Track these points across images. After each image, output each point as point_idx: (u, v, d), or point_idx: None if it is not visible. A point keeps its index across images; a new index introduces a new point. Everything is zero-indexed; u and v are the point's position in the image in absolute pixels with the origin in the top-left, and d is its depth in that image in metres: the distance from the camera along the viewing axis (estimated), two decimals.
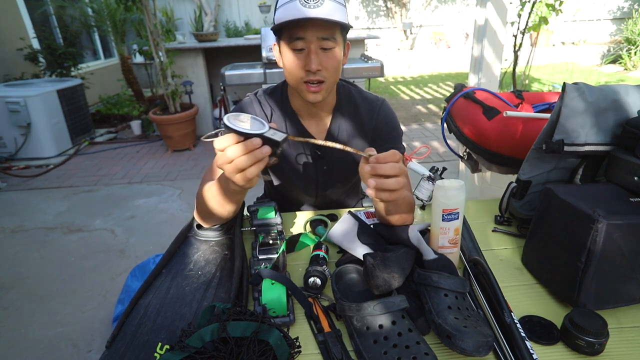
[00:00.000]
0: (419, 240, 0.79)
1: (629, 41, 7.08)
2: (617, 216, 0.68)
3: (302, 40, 0.88)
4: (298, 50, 0.89)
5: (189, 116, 4.01)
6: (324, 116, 1.06)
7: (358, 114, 1.07)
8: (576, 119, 0.86)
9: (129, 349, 0.66)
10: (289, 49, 0.90)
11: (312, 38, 0.87)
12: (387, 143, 1.06)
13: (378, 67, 3.40)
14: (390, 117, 1.09)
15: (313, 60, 0.88)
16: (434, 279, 0.70)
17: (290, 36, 0.88)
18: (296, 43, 0.88)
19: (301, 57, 0.89)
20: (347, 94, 1.08)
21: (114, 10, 4.81)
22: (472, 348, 0.60)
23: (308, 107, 1.03)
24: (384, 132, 1.07)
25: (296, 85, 0.94)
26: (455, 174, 2.97)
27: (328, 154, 1.08)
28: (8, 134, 3.86)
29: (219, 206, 0.84)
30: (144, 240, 2.58)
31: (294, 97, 1.04)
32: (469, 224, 0.98)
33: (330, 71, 0.92)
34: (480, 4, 2.36)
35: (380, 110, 1.08)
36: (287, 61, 0.91)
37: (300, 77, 0.91)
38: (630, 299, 0.73)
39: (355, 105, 1.07)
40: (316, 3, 0.83)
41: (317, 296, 0.79)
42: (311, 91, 0.92)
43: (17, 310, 2.01)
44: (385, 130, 1.07)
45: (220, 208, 0.84)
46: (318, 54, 0.89)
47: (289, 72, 0.93)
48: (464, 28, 8.76)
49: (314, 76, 0.90)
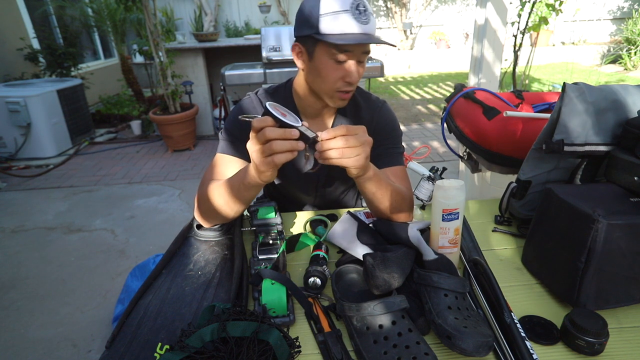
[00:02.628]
0: (418, 240, 0.79)
1: (629, 41, 7.08)
2: (617, 216, 0.68)
3: (349, 53, 0.88)
4: (340, 62, 0.89)
5: (189, 116, 4.01)
6: (327, 117, 1.06)
7: (359, 115, 1.08)
8: (576, 119, 0.86)
9: (129, 349, 0.66)
10: (330, 58, 0.88)
11: (357, 53, 0.89)
12: (387, 143, 1.07)
13: (378, 67, 3.40)
14: (390, 118, 1.09)
15: (355, 74, 0.90)
16: (434, 279, 0.70)
17: (340, 47, 0.86)
18: (342, 55, 0.88)
19: (342, 68, 0.89)
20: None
21: (114, 10, 4.81)
22: (472, 348, 0.60)
23: (314, 108, 1.03)
24: (383, 133, 1.07)
25: (328, 92, 0.94)
26: (455, 174, 2.97)
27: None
28: (8, 134, 3.86)
29: (227, 205, 0.85)
30: (144, 240, 2.58)
31: (300, 98, 1.03)
32: (469, 224, 0.98)
33: (359, 80, 0.94)
34: (480, 4, 2.36)
35: (381, 112, 1.09)
36: (326, 70, 0.90)
37: (337, 87, 0.92)
38: (630, 299, 0.73)
39: (357, 106, 1.08)
40: (367, 18, 0.85)
41: (317, 296, 0.79)
42: (343, 98, 0.94)
43: (17, 310, 2.01)
44: (385, 131, 1.08)
45: (228, 207, 0.85)
46: (357, 67, 0.91)
47: (326, 80, 0.91)
48: (464, 28, 8.76)
49: (350, 87, 0.92)
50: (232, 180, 0.83)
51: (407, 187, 1.01)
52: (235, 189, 0.81)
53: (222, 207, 0.86)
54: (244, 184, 0.78)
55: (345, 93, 0.93)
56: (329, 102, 0.96)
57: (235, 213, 0.87)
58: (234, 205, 0.84)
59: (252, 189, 0.79)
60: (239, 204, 0.84)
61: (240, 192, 0.81)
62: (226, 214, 0.87)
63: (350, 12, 0.83)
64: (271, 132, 0.66)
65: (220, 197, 0.85)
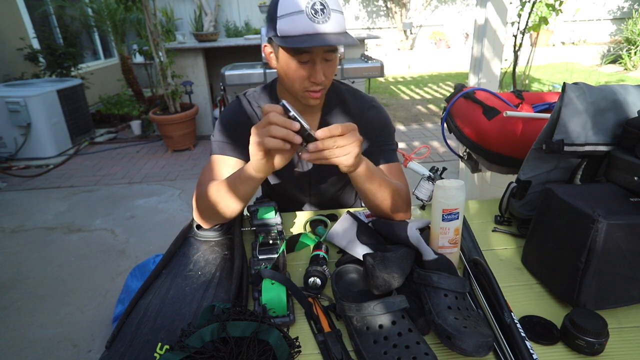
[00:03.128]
0: (418, 240, 0.79)
1: (629, 41, 7.08)
2: (617, 216, 0.68)
3: (309, 54, 0.87)
4: (303, 63, 0.89)
5: (189, 116, 4.01)
6: (313, 113, 1.07)
7: (347, 111, 1.08)
8: (576, 119, 0.86)
9: (129, 349, 0.66)
10: (292, 59, 0.89)
11: (318, 52, 0.88)
12: (379, 140, 1.07)
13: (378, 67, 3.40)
14: (381, 115, 1.09)
15: (319, 73, 0.89)
16: (434, 279, 0.70)
17: (297, 49, 0.86)
18: (303, 56, 0.87)
19: (306, 68, 0.89)
20: (336, 92, 1.08)
21: (114, 10, 4.81)
22: (471, 348, 0.60)
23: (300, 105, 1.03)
24: (375, 130, 1.07)
25: (297, 92, 0.94)
26: (455, 174, 2.97)
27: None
28: (8, 134, 3.86)
29: (225, 202, 0.85)
30: (144, 240, 2.58)
31: (285, 96, 1.04)
32: (469, 224, 0.98)
33: (330, 78, 0.94)
34: (480, 4, 2.36)
35: (371, 109, 1.08)
36: (290, 71, 0.90)
37: (303, 87, 0.92)
38: (630, 299, 0.73)
39: (344, 103, 1.08)
40: (324, 17, 0.83)
41: (317, 296, 0.79)
42: (313, 97, 0.94)
43: (17, 310, 2.01)
44: (377, 129, 1.07)
45: (225, 204, 0.86)
46: (322, 65, 0.90)
47: (292, 81, 0.92)
48: (464, 28, 8.76)
49: (317, 86, 0.92)
50: (230, 176, 0.85)
51: (404, 183, 1.01)
52: (231, 183, 0.83)
53: (220, 205, 0.86)
54: (240, 177, 0.79)
55: (315, 92, 0.93)
56: (301, 100, 0.96)
57: (233, 211, 0.88)
58: (232, 202, 0.85)
59: (247, 182, 0.80)
60: (236, 200, 0.84)
61: (236, 186, 0.82)
62: (224, 212, 0.87)
63: (305, 12, 0.82)
64: (275, 116, 0.68)
65: (218, 194, 0.85)
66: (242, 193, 0.83)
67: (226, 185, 0.84)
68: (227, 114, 1.04)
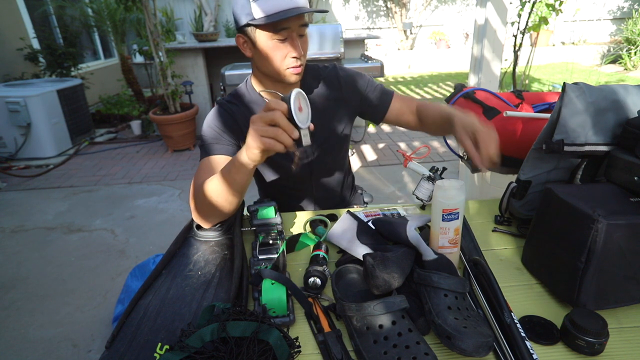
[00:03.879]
0: (418, 240, 0.79)
1: (629, 41, 7.08)
2: (617, 216, 0.68)
3: (287, 30, 0.93)
4: (281, 40, 0.94)
5: (189, 116, 4.01)
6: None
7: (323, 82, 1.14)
8: (576, 119, 0.86)
9: (129, 349, 0.66)
10: (271, 39, 0.94)
11: (295, 27, 0.94)
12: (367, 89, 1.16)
13: (378, 67, 3.41)
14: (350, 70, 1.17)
15: (298, 47, 0.96)
16: (434, 279, 0.70)
17: (276, 27, 0.92)
18: (282, 33, 0.93)
19: (284, 45, 0.95)
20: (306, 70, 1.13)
21: (114, 10, 4.81)
22: (471, 348, 0.60)
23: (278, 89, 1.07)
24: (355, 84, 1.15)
25: (279, 72, 0.99)
26: (455, 174, 2.97)
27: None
28: (8, 134, 3.86)
29: (222, 195, 0.85)
30: (144, 240, 2.58)
31: (259, 84, 1.08)
32: (469, 224, 0.98)
33: (306, 53, 1.01)
34: (480, 4, 2.36)
35: (339, 69, 1.16)
36: (270, 51, 0.95)
37: (285, 65, 0.97)
38: (630, 299, 0.73)
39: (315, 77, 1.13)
40: None
41: (317, 296, 0.79)
42: (295, 73, 0.99)
43: (17, 310, 2.01)
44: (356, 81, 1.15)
45: (223, 198, 0.86)
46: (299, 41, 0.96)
47: (274, 61, 0.96)
48: (464, 28, 8.76)
49: (298, 61, 0.98)
50: (223, 168, 0.85)
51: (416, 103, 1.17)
52: (226, 174, 0.83)
53: (219, 199, 0.86)
54: (235, 165, 0.80)
55: (296, 67, 0.99)
56: (284, 79, 1.01)
57: (231, 204, 0.88)
58: (229, 194, 0.85)
59: (241, 170, 0.80)
60: (233, 190, 0.84)
61: (231, 176, 0.82)
62: (223, 206, 0.87)
63: None
64: (281, 118, 0.68)
65: (214, 188, 0.86)
66: (238, 182, 0.84)
67: (221, 178, 0.84)
68: (210, 120, 1.07)
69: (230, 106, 1.07)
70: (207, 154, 1.01)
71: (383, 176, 3.36)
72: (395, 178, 3.31)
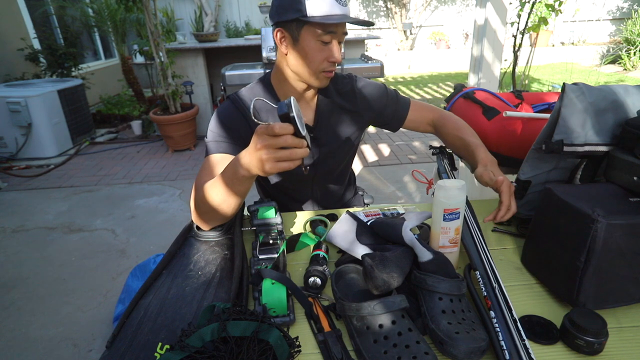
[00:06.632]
0: (412, 242, 0.78)
1: (629, 41, 7.08)
2: (617, 216, 0.68)
3: (333, 34, 0.95)
4: (324, 43, 0.96)
5: (189, 116, 4.01)
6: (309, 99, 1.10)
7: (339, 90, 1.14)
8: (576, 119, 0.86)
9: (130, 349, 0.67)
10: (316, 40, 0.95)
11: (339, 32, 0.96)
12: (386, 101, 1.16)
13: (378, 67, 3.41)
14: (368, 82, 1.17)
15: (338, 52, 0.98)
16: (429, 282, 0.70)
17: (325, 29, 0.93)
18: (328, 36, 0.94)
19: (326, 48, 0.97)
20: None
21: (115, 11, 4.81)
22: (462, 355, 0.61)
23: (298, 92, 1.07)
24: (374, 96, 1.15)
25: (314, 73, 0.99)
26: None
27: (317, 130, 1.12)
28: (9, 134, 3.86)
29: (224, 203, 0.84)
30: (144, 240, 2.58)
31: (283, 85, 1.07)
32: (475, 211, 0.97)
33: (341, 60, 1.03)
34: (480, 4, 2.36)
35: (357, 81, 1.16)
36: (312, 52, 0.96)
37: (323, 67, 0.99)
38: (630, 299, 0.73)
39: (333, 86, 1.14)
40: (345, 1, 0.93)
41: (317, 296, 0.79)
42: (328, 77, 1.01)
43: (17, 310, 2.02)
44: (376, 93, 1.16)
45: (225, 205, 0.84)
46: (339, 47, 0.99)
47: (313, 62, 0.97)
48: (464, 28, 8.76)
49: (334, 66, 1.00)
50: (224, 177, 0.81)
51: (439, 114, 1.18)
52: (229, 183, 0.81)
53: (220, 206, 0.85)
54: (238, 178, 0.77)
55: (330, 72, 1.00)
56: (315, 82, 1.01)
57: (233, 209, 0.87)
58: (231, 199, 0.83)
59: (245, 182, 0.79)
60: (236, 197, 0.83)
61: (234, 187, 0.80)
62: (224, 212, 0.86)
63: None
64: (291, 141, 0.67)
65: (216, 194, 0.83)
66: (242, 191, 0.83)
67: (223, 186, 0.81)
68: (221, 115, 1.05)
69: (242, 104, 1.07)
70: (215, 150, 0.99)
71: (383, 176, 3.36)
72: (395, 178, 3.31)
